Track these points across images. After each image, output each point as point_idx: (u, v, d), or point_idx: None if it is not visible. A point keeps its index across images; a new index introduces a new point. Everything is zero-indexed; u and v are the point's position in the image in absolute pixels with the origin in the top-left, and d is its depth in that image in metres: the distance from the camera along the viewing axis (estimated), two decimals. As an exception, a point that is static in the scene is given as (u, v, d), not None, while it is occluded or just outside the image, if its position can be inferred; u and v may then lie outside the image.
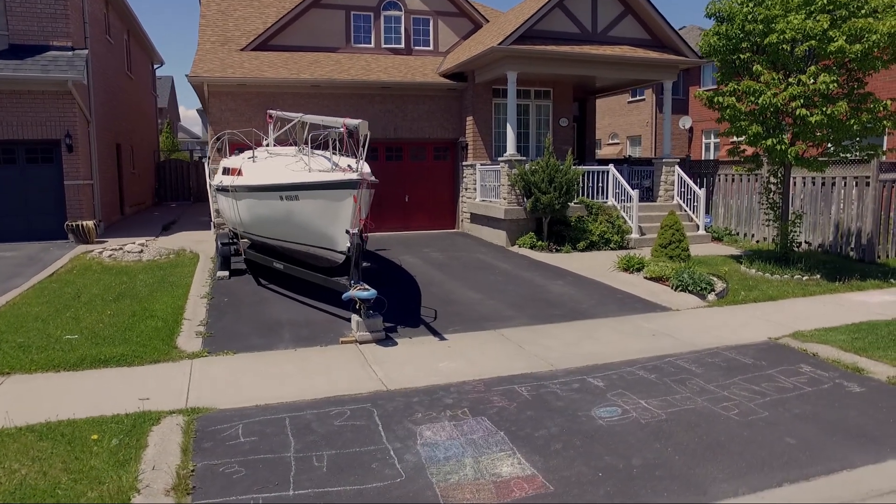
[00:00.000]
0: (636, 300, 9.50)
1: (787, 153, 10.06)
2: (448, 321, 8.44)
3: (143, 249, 14.32)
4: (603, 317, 8.65)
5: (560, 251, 13.41)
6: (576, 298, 9.59)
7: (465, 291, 10.08)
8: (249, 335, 7.88)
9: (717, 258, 12.54)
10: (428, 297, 9.69)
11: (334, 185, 7.72)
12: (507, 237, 14.23)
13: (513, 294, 9.88)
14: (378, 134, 16.30)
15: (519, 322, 8.39)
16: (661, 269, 10.47)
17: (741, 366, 6.56)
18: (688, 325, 8.17)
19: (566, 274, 11.32)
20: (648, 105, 30.89)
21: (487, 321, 8.44)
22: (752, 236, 14.97)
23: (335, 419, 5.33)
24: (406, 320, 8.44)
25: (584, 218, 14.17)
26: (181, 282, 10.82)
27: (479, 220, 15.81)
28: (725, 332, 7.87)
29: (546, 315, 8.71)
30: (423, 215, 17.09)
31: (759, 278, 10.72)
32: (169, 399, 5.75)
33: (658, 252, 12.09)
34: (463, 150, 16.74)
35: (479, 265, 12.23)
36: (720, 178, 15.94)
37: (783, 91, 9.84)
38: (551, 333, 7.85)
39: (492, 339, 7.63)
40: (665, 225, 12.16)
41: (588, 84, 17.69)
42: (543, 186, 13.27)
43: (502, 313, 8.81)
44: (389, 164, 16.77)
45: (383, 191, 16.72)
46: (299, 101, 15.75)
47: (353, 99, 16.13)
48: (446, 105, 16.77)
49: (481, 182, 15.72)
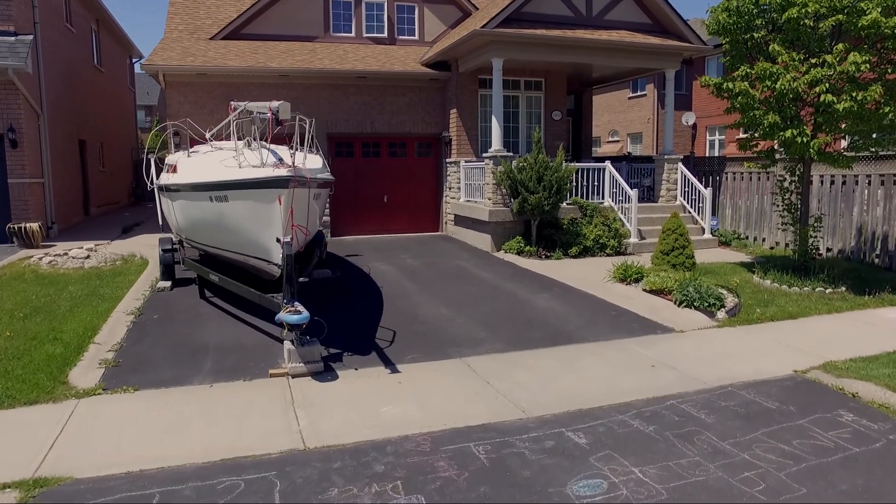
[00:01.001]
0: (633, 318, 8.12)
1: (809, 147, 8.66)
2: (407, 346, 7.07)
3: (90, 255, 12.97)
4: (592, 340, 7.26)
5: (550, 257, 12.02)
6: (562, 316, 8.21)
7: (434, 307, 8.71)
8: (163, 364, 6.52)
9: (726, 266, 11.14)
10: (391, 314, 8.32)
11: (258, 183, 6.36)
12: (492, 241, 12.85)
13: (489, 310, 8.51)
14: (354, 128, 14.96)
15: (491, 347, 7.02)
16: (663, 281, 9.08)
17: (764, 412, 5.18)
18: (694, 353, 6.78)
19: (554, 285, 9.94)
20: (650, 101, 29.48)
21: (454, 346, 7.06)
22: (763, 240, 13.57)
23: (221, 497, 3.95)
24: (357, 345, 7.07)
25: (577, 220, 12.78)
26: (114, 294, 9.47)
27: (463, 223, 14.44)
28: (740, 362, 6.48)
29: (524, 338, 7.33)
30: (404, 217, 15.71)
31: (775, 291, 9.32)
32: (16, 462, 4.39)
33: (659, 259, 10.70)
34: (446, 146, 15.36)
35: (456, 274, 10.86)
36: (727, 176, 14.53)
37: (804, 74, 8.44)
38: (528, 363, 6.47)
39: (454, 372, 6.25)
40: (667, 229, 10.77)
41: (584, 74, 16.29)
42: (531, 185, 11.89)
43: (473, 335, 7.44)
44: (366, 162, 15.40)
45: (359, 191, 15.40)
46: (266, 93, 14.36)
47: (327, 90, 14.76)
48: (429, 97, 15.39)
49: (466, 181, 14.34)
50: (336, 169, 15.15)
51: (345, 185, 15.20)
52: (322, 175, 7.87)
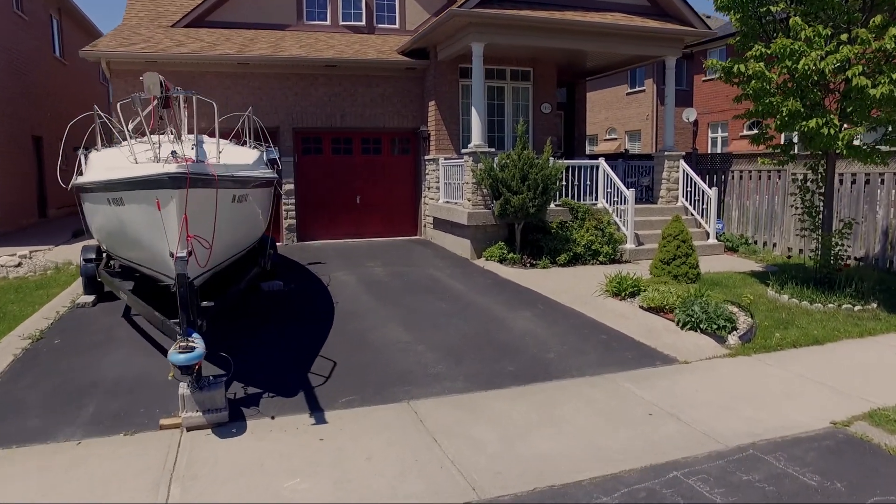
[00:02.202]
0: (627, 344, 6.75)
1: (837, 139, 7.29)
2: (346, 383, 5.70)
3: (22, 262, 11.61)
4: (577, 375, 5.89)
5: (535, 266, 10.65)
6: (543, 341, 6.83)
7: (392, 329, 7.34)
8: (33, 409, 5.15)
9: (735, 276, 9.77)
10: (338, 339, 6.95)
11: (140, 183, 4.99)
12: (472, 247, 11.49)
13: (456, 334, 7.14)
14: (322, 122, 13.59)
15: (450, 386, 5.64)
16: (663, 297, 7.71)
17: (801, 491, 3.81)
18: (702, 394, 5.41)
19: (537, 300, 8.57)
20: (648, 96, 28.13)
21: (404, 383, 5.69)
22: (774, 246, 12.21)
23: None
24: (284, 382, 5.70)
25: (567, 224, 11.42)
26: (21, 312, 8.12)
27: (442, 226, 13.07)
28: (761, 407, 5.11)
29: (494, 373, 5.96)
30: (378, 220, 14.34)
31: (794, 308, 7.96)
32: None
33: (659, 269, 9.34)
34: (425, 142, 13.99)
35: (427, 286, 9.48)
36: (734, 175, 13.17)
37: (833, 53, 7.07)
38: (493, 410, 5.10)
39: (395, 423, 4.88)
40: (668, 235, 9.41)
41: (576, 64, 14.92)
42: (514, 185, 10.52)
43: (430, 368, 6.06)
44: (337, 159, 14.02)
45: (329, 191, 14.01)
46: (224, 83, 13.04)
47: (292, 80, 13.39)
48: (405, 88, 14.02)
49: (445, 180, 12.98)
50: (303, 167, 13.81)
51: (313, 185, 13.84)
52: (249, 172, 6.50)
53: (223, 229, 5.81)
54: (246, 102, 13.10)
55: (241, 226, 6.69)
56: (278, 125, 13.35)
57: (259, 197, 7.41)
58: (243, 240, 7.11)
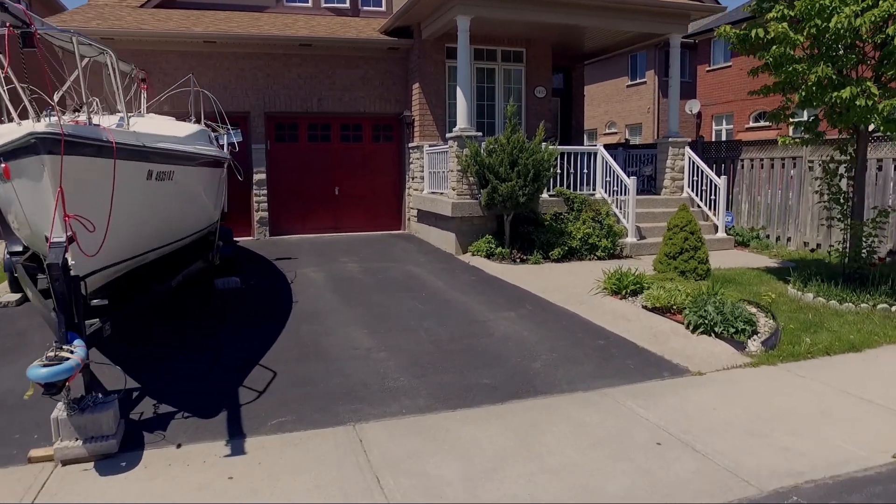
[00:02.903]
0: (628, 350, 5.68)
1: (874, 112, 6.22)
2: (282, 400, 4.63)
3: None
4: (567, 390, 4.82)
5: (526, 261, 9.58)
6: (528, 348, 5.76)
7: (353, 332, 6.27)
8: None
9: (749, 273, 8.71)
10: (287, 344, 5.88)
11: (12, 152, 3.92)
12: (457, 241, 10.42)
13: (427, 338, 6.07)
14: (297, 106, 12.53)
15: (410, 404, 4.58)
16: (670, 295, 6.64)
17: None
18: (722, 414, 4.34)
19: (525, 299, 7.50)
20: (650, 88, 27.06)
21: (353, 401, 4.62)
22: (789, 241, 11.14)
23: None
24: (204, 399, 4.64)
25: (562, 216, 10.35)
26: (-69, 312, 7.06)
27: (427, 219, 12.00)
28: (799, 434, 4.04)
29: (465, 386, 4.89)
30: (359, 213, 13.27)
31: (821, 309, 6.89)
32: None
33: (664, 264, 8.27)
34: (408, 128, 12.93)
35: (402, 283, 8.42)
36: (743, 164, 12.10)
37: (872, 8, 6.01)
38: (458, 437, 4.03)
39: (330, 456, 3.80)
40: (674, 226, 8.34)
41: (573, 45, 13.84)
42: (502, 171, 9.45)
43: (390, 380, 4.99)
44: (314, 147, 12.95)
45: (305, 182, 12.92)
46: (190, 63, 11.96)
47: (263, 60, 12.32)
48: (387, 69, 12.95)
49: (430, 168, 11.91)
50: (276, 155, 12.75)
51: (287, 175, 12.78)
52: (178, 146, 5.44)
53: (135, 213, 4.76)
54: (213, 85, 12.06)
55: (170, 211, 5.63)
56: (249, 110, 12.28)
57: (200, 179, 6.36)
58: (178, 228, 6.04)
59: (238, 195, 12.38)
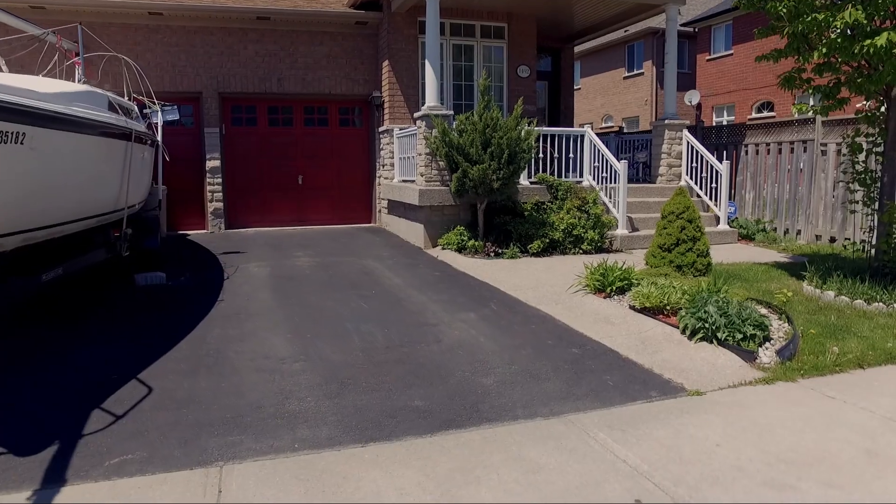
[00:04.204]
0: (608, 363, 4.51)
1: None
2: (140, 429, 3.45)
3: None
4: (522, 416, 3.64)
5: (501, 255, 8.42)
6: (481, 359, 4.59)
7: (273, 338, 5.10)
8: None
9: (756, 268, 7.54)
10: (184, 353, 4.71)
11: None
12: (425, 233, 9.25)
13: (360, 344, 4.89)
14: (255, 86, 11.38)
15: (308, 435, 3.40)
16: (663, 293, 5.48)
17: None
18: (729, 454, 3.16)
19: (492, 298, 6.33)
20: (647, 80, 25.92)
21: (232, 430, 3.44)
22: (799, 234, 9.98)
23: None
24: (39, 426, 3.47)
25: (544, 206, 9.19)
26: None
27: (397, 210, 10.84)
28: (835, 483, 2.87)
29: (388, 409, 3.71)
30: (325, 205, 12.10)
31: (845, 309, 5.73)
32: None
33: (658, 258, 7.11)
34: (378, 110, 11.76)
35: (354, 281, 7.25)
36: (748, 150, 10.94)
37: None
38: (356, 490, 2.85)
39: (164, 521, 2.64)
40: (670, 212, 7.18)
41: (561, 21, 12.66)
42: (473, 153, 8.28)
43: (291, 403, 3.82)
44: (274, 132, 11.78)
45: (265, 170, 11.70)
46: (133, 38, 10.81)
47: (217, 35, 11.16)
48: (356, 47, 11.79)
49: (399, 154, 10.74)
50: (232, 140, 11.58)
51: (245, 162, 11.62)
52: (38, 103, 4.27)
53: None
54: (161, 63, 10.94)
55: (24, 185, 4.44)
56: (201, 90, 11.12)
57: (86, 150, 5.19)
58: (50, 209, 4.85)
59: (190, 184, 11.23)
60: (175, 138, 10.96)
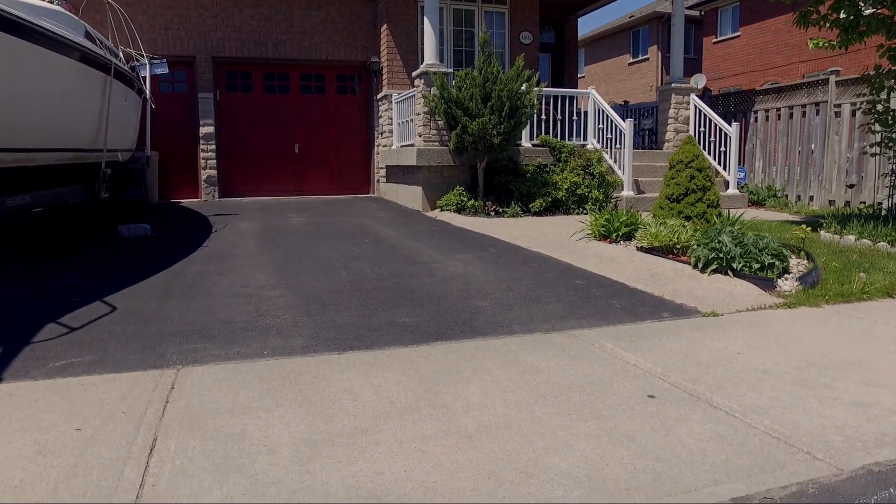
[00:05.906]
0: (615, 291, 4.15)
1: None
2: (95, 339, 3.12)
3: None
4: (520, 330, 3.29)
5: (502, 214, 8.07)
6: (476, 287, 4.24)
7: (255, 273, 4.75)
8: None
9: (770, 224, 7.18)
10: (160, 282, 4.38)
11: None
12: (424, 195, 8.90)
13: (347, 277, 4.55)
14: (250, 51, 11.03)
15: (279, 344, 3.06)
16: (673, 232, 5.12)
17: None
18: (753, 362, 2.81)
19: (489, 244, 5.99)
20: (653, 65, 25.53)
21: (197, 340, 3.11)
22: (811, 199, 9.60)
23: None
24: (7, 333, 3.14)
25: (547, 168, 8.83)
26: None
27: (396, 176, 10.49)
28: (873, 382, 2.51)
29: (371, 325, 3.36)
30: (323, 174, 11.75)
31: (866, 251, 5.37)
32: None
33: (666, 209, 6.74)
34: (377, 77, 11.42)
35: (347, 233, 6.90)
36: (757, 116, 10.57)
37: None
38: (327, 388, 2.51)
39: (101, 409, 2.28)
40: (678, 162, 6.81)
41: (565, -11, 12.31)
42: (473, 107, 7.93)
43: (266, 319, 3.48)
44: (270, 99, 11.43)
45: (261, 138, 11.37)
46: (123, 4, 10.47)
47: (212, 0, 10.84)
48: (354, 11, 11.44)
49: (398, 119, 10.39)
50: (227, 107, 11.24)
51: (240, 130, 11.28)
52: None
53: None
54: (153, 25, 10.60)
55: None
56: (194, 54, 10.78)
57: (59, 70, 4.85)
58: (18, 127, 4.50)
59: (183, 151, 10.90)
60: (168, 105, 10.65)
